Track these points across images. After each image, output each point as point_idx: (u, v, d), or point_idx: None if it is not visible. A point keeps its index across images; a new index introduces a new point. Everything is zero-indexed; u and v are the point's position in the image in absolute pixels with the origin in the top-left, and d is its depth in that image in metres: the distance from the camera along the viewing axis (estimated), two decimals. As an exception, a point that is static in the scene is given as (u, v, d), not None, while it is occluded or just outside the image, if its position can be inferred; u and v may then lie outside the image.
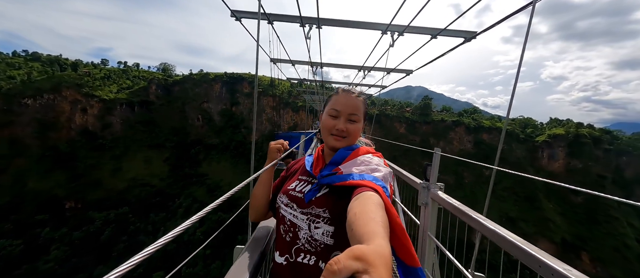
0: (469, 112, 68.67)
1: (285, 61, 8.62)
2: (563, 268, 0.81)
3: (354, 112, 0.90)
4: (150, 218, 46.62)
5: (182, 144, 63.58)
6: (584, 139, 53.49)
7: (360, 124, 0.92)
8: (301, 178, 0.96)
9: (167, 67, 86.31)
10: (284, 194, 0.93)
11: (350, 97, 0.92)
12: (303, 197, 0.87)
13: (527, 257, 0.92)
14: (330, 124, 0.91)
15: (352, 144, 0.94)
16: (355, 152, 0.90)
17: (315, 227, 0.80)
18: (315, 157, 0.98)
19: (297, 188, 0.92)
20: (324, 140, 0.96)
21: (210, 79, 74.68)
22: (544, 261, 0.86)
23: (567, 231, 46.81)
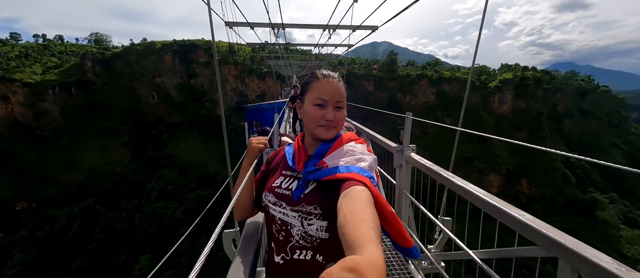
0: (432, 64, 71.46)
1: (242, 24, 7.88)
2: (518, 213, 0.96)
3: (340, 99, 0.87)
4: (122, 206, 44.31)
5: (140, 126, 58.15)
6: (528, 81, 59.67)
7: (345, 110, 0.89)
8: (285, 174, 0.93)
9: (100, 38, 73.72)
10: (270, 192, 0.89)
11: (334, 82, 0.87)
12: (291, 194, 0.84)
13: (489, 207, 1.04)
14: (318, 114, 0.86)
15: (339, 131, 0.92)
16: (339, 141, 0.89)
17: (309, 224, 0.79)
18: (296, 148, 0.95)
19: (283, 185, 0.88)
20: (308, 131, 0.92)
21: (157, 48, 66.00)
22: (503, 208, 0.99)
23: (511, 163, 54.81)
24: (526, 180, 53.17)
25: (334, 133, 0.88)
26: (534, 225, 0.90)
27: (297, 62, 21.56)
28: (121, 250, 38.96)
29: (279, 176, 0.92)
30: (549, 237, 0.86)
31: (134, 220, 42.99)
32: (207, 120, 62.57)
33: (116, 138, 54.28)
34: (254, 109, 7.78)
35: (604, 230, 45.34)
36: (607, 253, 0.75)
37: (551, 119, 67.76)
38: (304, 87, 0.92)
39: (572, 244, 0.80)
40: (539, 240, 0.89)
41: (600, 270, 0.73)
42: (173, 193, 48.37)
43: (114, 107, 57.88)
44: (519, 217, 0.95)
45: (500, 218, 1.01)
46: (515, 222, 0.96)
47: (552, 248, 0.86)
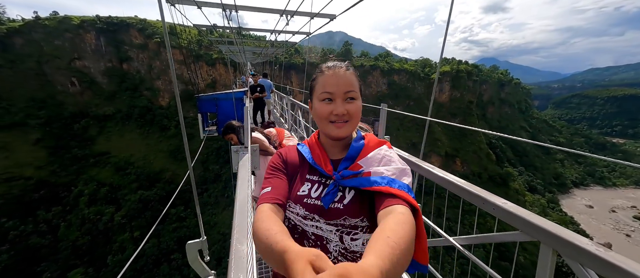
0: (383, 56, 75.59)
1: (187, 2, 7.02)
2: (501, 202, 1.02)
3: (350, 89, 0.75)
4: (39, 216, 36.78)
5: (56, 119, 48.19)
6: (461, 73, 68.07)
7: (359, 101, 0.78)
8: (311, 179, 0.79)
9: (-11, 8, 57.36)
10: (297, 203, 0.75)
11: (341, 71, 0.77)
12: (325, 205, 0.73)
13: (471, 195, 1.12)
14: (327, 110, 0.76)
15: (355, 128, 0.81)
16: (367, 143, 0.80)
17: (353, 239, 0.69)
18: (314, 146, 0.83)
19: (313, 194, 0.75)
20: (321, 130, 0.82)
21: (75, 26, 54.71)
22: (485, 197, 1.08)
23: (448, 146, 62.69)
24: (460, 160, 61.71)
25: (348, 129, 0.77)
26: (516, 212, 0.96)
27: (251, 48, 20.40)
28: (43, 267, 32.70)
29: (304, 182, 0.79)
30: (531, 222, 0.90)
31: (57, 231, 36.28)
32: (147, 111, 55.29)
33: (23, 135, 44.01)
34: (208, 99, 7.10)
35: (514, 196, 55.82)
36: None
37: (478, 106, 79.26)
38: (311, 86, 0.84)
39: (553, 229, 0.85)
40: (521, 225, 0.94)
41: (580, 251, 0.78)
42: (108, 195, 42.10)
43: (16, 97, 46.45)
44: (502, 205, 1.01)
45: (482, 206, 1.09)
46: (498, 209, 1.02)
47: (534, 233, 0.90)
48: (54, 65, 51.77)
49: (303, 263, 0.40)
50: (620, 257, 0.72)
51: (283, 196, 0.75)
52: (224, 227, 38.24)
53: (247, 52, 20.13)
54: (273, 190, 0.74)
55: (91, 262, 34.35)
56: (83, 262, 34.26)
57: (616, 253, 0.74)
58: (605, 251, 0.75)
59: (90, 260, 34.63)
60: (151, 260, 34.98)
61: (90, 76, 55.15)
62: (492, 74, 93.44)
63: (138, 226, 38.50)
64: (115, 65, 57.68)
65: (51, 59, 51.81)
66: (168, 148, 50.63)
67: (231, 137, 2.68)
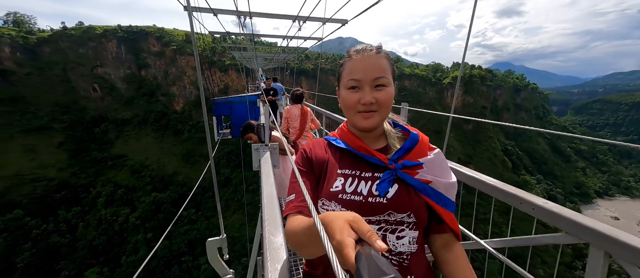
0: (394, 61, 75.26)
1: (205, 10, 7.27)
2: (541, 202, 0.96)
3: (380, 75, 0.67)
4: (60, 216, 38.37)
5: (78, 123, 50.59)
6: (474, 78, 66.63)
7: (390, 88, 0.69)
8: (343, 173, 0.71)
9: (21, 20, 61.56)
10: (331, 200, 0.68)
11: (370, 55, 0.68)
12: (364, 200, 0.65)
13: (507, 195, 1.04)
14: (353, 99, 0.69)
15: (385, 118, 0.73)
16: (421, 139, 0.75)
17: (398, 237, 0.64)
18: (350, 136, 0.76)
19: (348, 188, 0.68)
20: (349, 120, 0.75)
21: (98, 34, 57.73)
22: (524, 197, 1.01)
23: (461, 152, 61.06)
24: (473, 166, 59.78)
25: (377, 119, 0.69)
26: (560, 212, 0.89)
27: (263, 54, 20.75)
28: (62, 265, 33.92)
29: (336, 177, 0.71)
30: (579, 223, 0.83)
31: (76, 231, 37.66)
32: (162, 115, 57.13)
33: (47, 138, 46.42)
34: (222, 102, 7.26)
35: (532, 206, 53.28)
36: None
37: (493, 112, 77.02)
38: (338, 72, 0.76)
39: (605, 229, 0.78)
40: (566, 226, 0.87)
41: (633, 251, 0.72)
42: (124, 197, 43.45)
43: (43, 102, 49.25)
44: (543, 204, 0.93)
45: (519, 206, 1.00)
46: (539, 209, 0.94)
47: (581, 234, 0.83)
48: (77, 72, 54.68)
49: (342, 221, 0.41)
50: None
51: (309, 200, 0.70)
52: (234, 230, 38.48)
53: (258, 58, 20.52)
54: (297, 198, 0.69)
55: (106, 262, 35.33)
56: (99, 261, 35.29)
57: None
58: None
59: (105, 260, 35.63)
60: (163, 261, 35.59)
61: (111, 82, 57.82)
62: (507, 78, 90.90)
63: (151, 227, 39.40)
64: (134, 72, 60.23)
65: (75, 66, 54.78)
66: (181, 152, 51.92)
67: (250, 136, 2.72)
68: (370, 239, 0.37)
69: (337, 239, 0.39)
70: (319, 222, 0.45)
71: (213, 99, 7.21)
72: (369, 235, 0.38)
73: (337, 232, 0.40)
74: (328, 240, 0.40)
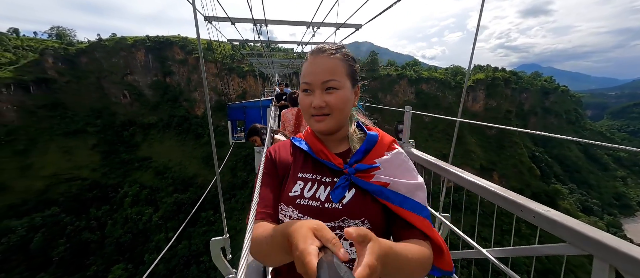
0: (411, 64, 73.83)
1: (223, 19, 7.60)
2: (543, 209, 0.90)
3: (329, 78, 0.65)
4: (91, 213, 41.15)
5: (110, 127, 54.35)
6: (498, 81, 63.61)
7: (343, 91, 0.66)
8: (303, 177, 0.69)
9: (63, 33, 67.82)
10: (289, 205, 0.66)
11: (322, 57, 0.67)
12: (321, 205, 0.63)
13: (508, 202, 0.97)
14: (306, 102, 0.67)
15: (342, 122, 0.71)
16: (381, 138, 0.71)
17: (352, 244, 0.61)
18: (313, 139, 0.73)
19: (306, 193, 0.66)
20: (307, 123, 0.74)
21: (128, 45, 62.03)
22: (524, 204, 0.94)
23: (483, 158, 58.16)
24: (497, 174, 56.71)
25: (330, 123, 0.67)
26: (563, 221, 0.83)
27: (279, 60, 21.24)
28: (91, 260, 36.21)
29: (295, 181, 0.69)
30: (582, 233, 0.78)
31: (105, 228, 40.14)
32: (184, 120, 59.89)
33: (83, 140, 50.26)
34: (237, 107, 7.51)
35: (564, 217, 49.46)
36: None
37: (518, 117, 72.87)
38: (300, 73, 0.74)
39: (610, 240, 0.74)
40: (569, 236, 0.82)
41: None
42: (149, 197, 45.77)
43: (79, 107, 53.52)
44: (544, 212, 0.88)
45: (521, 214, 0.95)
46: (540, 218, 0.89)
47: (585, 245, 0.78)
48: (110, 79, 59.00)
49: (305, 229, 0.41)
50: None
51: (274, 207, 0.68)
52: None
53: (275, 64, 21.02)
54: (261, 202, 0.67)
55: (131, 259, 37.23)
56: (124, 258, 37.27)
57: None
58: None
59: (130, 256, 37.56)
60: (182, 260, 36.87)
61: (139, 89, 61.73)
62: (534, 81, 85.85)
63: (172, 227, 41.08)
64: (160, 79, 63.90)
65: (108, 74, 59.16)
66: (201, 155, 53.96)
67: (255, 139, 2.80)
68: (334, 247, 0.37)
69: (300, 248, 0.38)
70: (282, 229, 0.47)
71: (228, 104, 7.47)
72: (333, 243, 0.38)
73: (301, 241, 0.39)
74: (292, 249, 0.41)
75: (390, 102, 63.66)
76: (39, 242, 35.31)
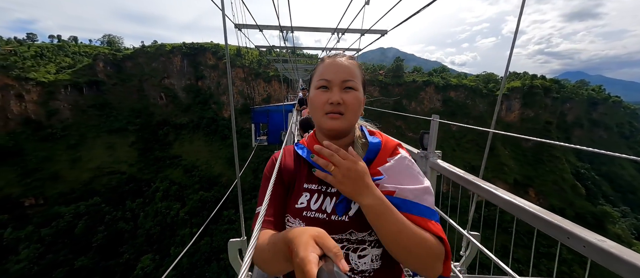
0: (438, 71, 71.06)
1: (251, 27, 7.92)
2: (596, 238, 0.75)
3: (348, 78, 0.67)
4: (126, 205, 44.69)
5: (147, 126, 59.01)
6: (536, 89, 58.80)
7: (359, 93, 0.69)
8: (309, 188, 0.69)
9: (113, 40, 75.52)
10: (295, 217, 0.66)
11: (341, 61, 0.70)
12: (327, 218, 0.63)
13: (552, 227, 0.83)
14: (321, 99, 0.68)
15: (352, 125, 0.71)
16: (384, 144, 0.71)
17: (360, 256, 0.62)
18: (310, 146, 0.72)
19: (313, 205, 0.66)
20: (316, 124, 0.73)
21: (167, 51, 67.27)
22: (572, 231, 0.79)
23: (518, 172, 53.70)
24: (534, 190, 51.94)
25: (343, 122, 0.67)
26: (621, 255, 0.69)
27: (303, 66, 21.63)
28: (124, 249, 39.13)
29: (302, 192, 0.68)
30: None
31: (137, 220, 43.27)
32: (212, 121, 63.12)
33: (124, 138, 55.10)
34: (261, 111, 7.74)
35: (616, 244, 43.82)
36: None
37: (560, 129, 66.48)
38: (310, 76, 0.76)
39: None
40: (628, 272, 0.68)
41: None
42: (177, 193, 48.63)
43: (122, 107, 58.93)
44: (597, 242, 0.74)
45: (567, 242, 0.80)
46: (592, 248, 0.75)
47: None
48: (149, 83, 64.32)
49: (306, 237, 0.41)
50: None
51: (277, 215, 0.68)
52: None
53: (299, 69, 21.44)
54: (267, 211, 0.66)
55: (159, 250, 39.60)
56: (153, 249, 39.75)
57: None
58: None
59: (158, 248, 39.98)
60: (204, 256, 38.41)
61: (174, 91, 66.48)
62: (580, 90, 78.08)
63: (197, 223, 43.11)
64: (193, 83, 68.28)
65: (148, 78, 64.56)
66: (226, 156, 56.31)
67: None
68: (335, 257, 0.37)
69: (301, 255, 0.38)
70: (283, 237, 0.47)
71: (252, 108, 7.73)
72: (334, 253, 0.37)
73: (301, 248, 0.39)
74: (292, 256, 0.41)
75: (415, 110, 61.62)
76: (82, 228, 39.00)
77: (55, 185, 44.07)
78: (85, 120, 53.87)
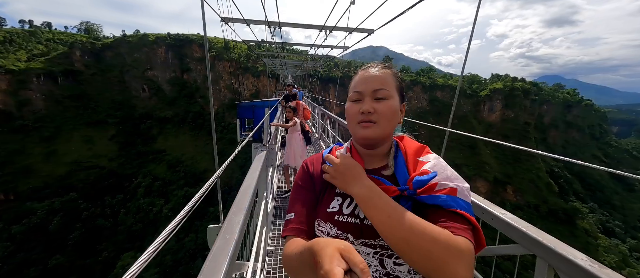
0: (425, 71, 72.63)
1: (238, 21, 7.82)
2: (500, 212, 1.01)
3: (380, 87, 0.66)
4: (106, 201, 42.93)
5: (128, 119, 56.64)
6: (517, 91, 61.45)
7: (392, 101, 0.66)
8: (342, 194, 0.67)
9: (91, 28, 71.61)
10: (327, 222, 0.64)
11: (373, 70, 0.69)
12: (360, 222, 0.61)
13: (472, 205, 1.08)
14: (354, 110, 0.68)
15: (387, 134, 0.68)
16: (404, 147, 0.70)
17: (396, 263, 0.57)
18: (355, 154, 0.72)
19: (345, 210, 0.64)
20: (351, 133, 0.73)
21: (150, 41, 64.60)
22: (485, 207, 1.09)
23: (498, 170, 56.18)
24: (512, 187, 54.58)
25: (376, 131, 0.65)
26: (514, 224, 0.94)
27: (292, 61, 21.49)
28: (103, 246, 37.70)
29: (334, 197, 0.67)
30: (529, 235, 0.88)
31: (118, 216, 41.73)
32: (198, 116, 61.53)
33: (103, 131, 52.65)
34: (246, 106, 7.70)
35: (583, 238, 46.96)
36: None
37: (537, 129, 69.98)
38: (348, 88, 0.75)
39: (550, 242, 0.81)
40: (519, 238, 0.92)
41: (575, 267, 0.74)
42: (160, 189, 47.23)
43: (102, 99, 56.17)
44: (501, 215, 0.98)
45: (482, 216, 1.05)
46: (497, 220, 0.99)
47: (530, 246, 0.88)
48: (132, 74, 61.59)
49: (332, 249, 0.39)
50: (616, 275, 0.69)
51: (308, 222, 0.67)
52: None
53: (288, 65, 21.29)
54: (296, 218, 0.67)
55: (141, 248, 38.44)
56: (134, 246, 38.54)
57: (612, 271, 0.70)
58: (600, 268, 0.71)
59: (140, 245, 38.82)
60: (189, 253, 37.72)
61: (158, 84, 64.05)
62: (556, 93, 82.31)
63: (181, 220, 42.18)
64: (178, 75, 66.06)
65: (130, 69, 61.79)
66: (213, 151, 55.28)
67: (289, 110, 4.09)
68: (361, 273, 0.35)
69: (325, 268, 0.37)
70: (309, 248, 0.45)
71: (238, 103, 7.68)
72: (360, 268, 0.36)
73: (326, 261, 0.38)
74: (317, 268, 0.39)
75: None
76: (57, 225, 37.16)
77: (27, 180, 41.62)
78: (61, 112, 50.99)
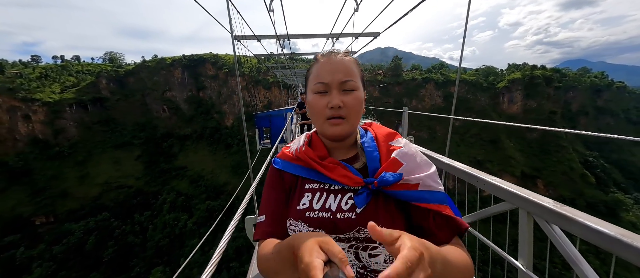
0: (437, 67, 71.01)
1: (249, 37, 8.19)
2: (489, 178, 1.18)
3: (347, 78, 0.61)
4: (135, 219, 45.12)
5: (151, 139, 59.77)
6: (537, 80, 58.40)
7: (359, 93, 0.63)
8: (310, 188, 0.64)
9: (114, 57, 77.00)
10: (298, 220, 0.61)
11: (336, 59, 0.63)
12: (332, 216, 0.58)
13: (466, 175, 1.29)
14: (321, 104, 0.62)
15: (354, 127, 0.65)
16: (376, 135, 0.68)
17: (371, 255, 0.56)
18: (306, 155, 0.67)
19: (315, 205, 0.61)
20: (317, 129, 0.69)
21: (167, 64, 68.36)
22: (477, 175, 1.26)
23: (524, 164, 53.10)
24: (542, 181, 51.25)
25: (346, 127, 0.62)
26: (501, 185, 1.10)
27: (302, 70, 21.90)
28: (134, 262, 39.39)
29: (304, 193, 0.64)
30: (512, 191, 1.03)
31: (146, 232, 43.61)
32: (215, 131, 63.71)
33: (129, 152, 55.85)
34: (263, 116, 7.98)
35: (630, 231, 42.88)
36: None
37: (565, 118, 65.80)
38: (305, 77, 0.70)
39: (526, 194, 0.97)
40: (506, 196, 1.07)
41: (543, 209, 0.90)
42: (184, 204, 48.98)
43: (127, 122, 59.85)
44: (490, 180, 1.16)
45: (476, 184, 1.23)
46: (488, 185, 1.16)
47: (514, 201, 1.03)
48: (152, 96, 65.32)
49: (311, 242, 0.39)
50: (572, 209, 0.81)
51: (280, 224, 0.64)
52: (276, 241, 39.76)
53: (298, 75, 21.70)
54: (267, 220, 0.63)
55: (169, 262, 39.80)
56: (163, 261, 39.97)
57: (572, 208, 0.82)
58: (561, 206, 0.85)
59: (168, 260, 40.19)
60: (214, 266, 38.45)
61: (176, 103, 67.37)
62: (582, 78, 77.29)
63: (205, 233, 43.30)
64: (194, 94, 69.18)
65: (150, 92, 65.58)
66: (231, 164, 56.71)
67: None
68: (340, 263, 0.35)
69: (305, 261, 0.36)
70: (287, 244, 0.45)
71: (255, 114, 7.96)
72: (339, 258, 0.36)
73: (306, 254, 0.37)
74: (297, 263, 0.39)
75: (416, 107, 61.39)
76: (92, 243, 39.41)
77: (65, 203, 44.73)
78: (91, 137, 54.79)
